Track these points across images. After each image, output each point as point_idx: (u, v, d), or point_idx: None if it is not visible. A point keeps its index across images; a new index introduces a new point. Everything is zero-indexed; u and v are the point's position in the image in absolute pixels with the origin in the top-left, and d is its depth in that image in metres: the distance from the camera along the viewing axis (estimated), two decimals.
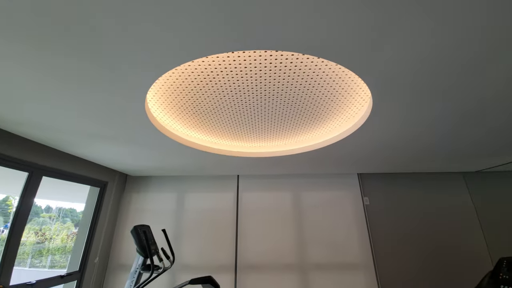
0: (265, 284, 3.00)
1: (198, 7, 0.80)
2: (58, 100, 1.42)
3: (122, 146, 2.25)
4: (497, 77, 1.21)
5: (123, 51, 1.01)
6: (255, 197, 3.45)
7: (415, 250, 3.12)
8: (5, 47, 0.99)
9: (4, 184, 3.85)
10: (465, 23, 0.88)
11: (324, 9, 0.81)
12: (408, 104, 1.49)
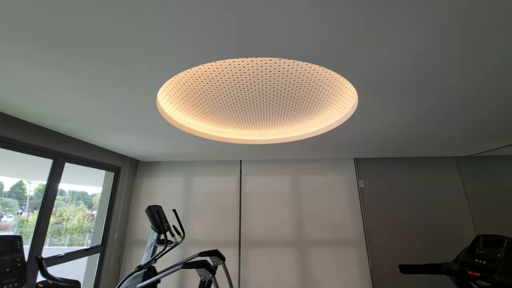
0: (266, 258, 3.34)
1: (204, 28, 0.97)
2: (84, 99, 1.62)
3: (134, 135, 2.47)
4: (476, 72, 1.36)
5: (138, 59, 1.19)
6: (256, 181, 3.71)
7: (404, 228, 3.39)
8: (45, 59, 1.18)
9: (18, 169, 4.14)
10: (439, 30, 1.03)
11: (312, 23, 0.97)
12: (391, 100, 1.64)
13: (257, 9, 0.89)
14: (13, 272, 1.47)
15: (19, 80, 1.41)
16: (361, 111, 1.84)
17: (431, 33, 1.03)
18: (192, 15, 0.92)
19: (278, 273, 3.28)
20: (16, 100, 1.67)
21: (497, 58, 1.22)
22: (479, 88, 1.52)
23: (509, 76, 1.38)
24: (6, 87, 1.50)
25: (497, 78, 1.40)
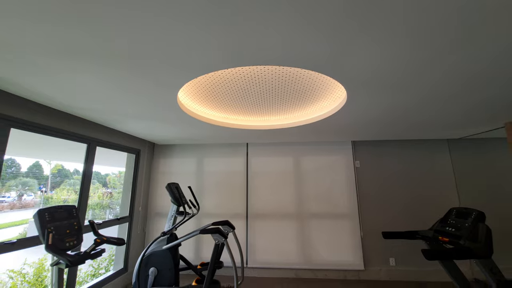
0: (270, 228, 3.83)
1: (216, 47, 1.26)
2: (120, 97, 1.96)
3: (155, 122, 2.83)
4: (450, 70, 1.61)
5: (165, 69, 1.50)
6: (262, 161, 4.09)
7: (394, 204, 3.76)
8: (89, 68, 1.51)
9: (34, 149, 4.54)
10: (407, 40, 1.29)
11: (308, 40, 1.25)
12: (374, 94, 1.91)
13: (254, 29, 1.18)
14: (72, 233, 1.92)
15: (72, 85, 1.75)
16: (350, 103, 2.12)
17: (403, 47, 1.29)
18: (209, 36, 1.21)
19: (280, 241, 3.78)
20: (66, 98, 2.03)
21: (459, 61, 1.46)
22: (443, 86, 1.77)
23: (473, 76, 1.63)
24: (63, 91, 1.84)
25: (460, 76, 1.65)
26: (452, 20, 1.08)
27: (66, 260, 1.58)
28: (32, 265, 3.95)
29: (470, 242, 2.10)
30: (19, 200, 12.36)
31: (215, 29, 1.14)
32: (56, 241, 1.67)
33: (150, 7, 0.99)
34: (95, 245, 1.81)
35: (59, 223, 1.79)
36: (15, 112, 2.02)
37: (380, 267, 3.61)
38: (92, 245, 1.81)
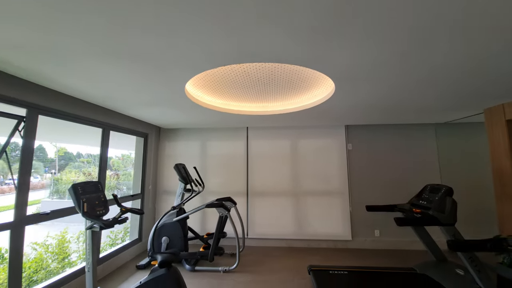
0: (268, 204, 4.23)
1: (219, 49, 1.51)
2: (135, 88, 2.22)
3: (162, 108, 3.10)
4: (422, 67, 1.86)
5: (175, 65, 1.75)
6: (261, 144, 4.41)
7: (381, 182, 4.13)
8: (113, 65, 1.76)
9: (42, 133, 4.80)
10: (381, 43, 1.54)
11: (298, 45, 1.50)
12: (358, 85, 2.16)
13: (252, 34, 1.43)
14: (100, 204, 2.27)
15: (97, 79, 2.01)
16: (338, 92, 2.38)
17: (380, 45, 1.54)
18: (215, 39, 1.46)
19: (278, 215, 4.20)
20: (91, 89, 2.29)
21: (426, 59, 1.71)
22: (420, 77, 2.02)
23: (441, 70, 1.88)
24: (89, 84, 2.10)
25: (429, 72, 1.89)
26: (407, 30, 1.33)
27: (101, 223, 1.95)
28: (54, 237, 4.41)
29: (437, 213, 2.45)
30: None
31: (221, 37, 1.39)
32: (89, 209, 2.02)
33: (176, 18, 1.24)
34: (121, 213, 2.17)
35: (89, 196, 2.13)
36: (42, 101, 2.29)
37: (366, 237, 4.06)
38: (119, 213, 2.17)
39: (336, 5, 1.13)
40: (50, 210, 2.38)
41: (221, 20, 1.25)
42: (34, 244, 4.36)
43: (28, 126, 2.22)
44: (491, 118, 3.07)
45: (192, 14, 1.20)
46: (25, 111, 2.21)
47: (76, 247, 4.48)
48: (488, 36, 1.41)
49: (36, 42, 1.48)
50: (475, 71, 1.93)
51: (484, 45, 1.52)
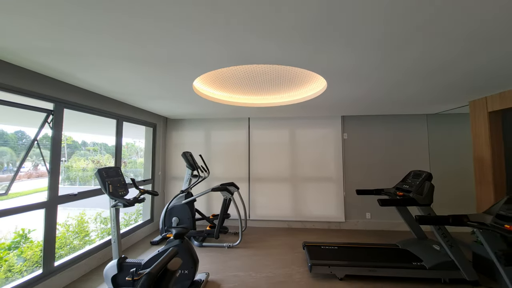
0: (268, 189, 4.58)
1: (224, 55, 1.76)
2: (149, 85, 2.49)
3: (170, 102, 3.37)
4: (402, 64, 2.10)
5: (185, 65, 2.01)
6: (261, 134, 4.69)
7: (373, 169, 4.43)
8: (132, 67, 2.03)
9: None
10: (366, 44, 1.78)
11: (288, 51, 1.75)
12: (344, 82, 2.41)
13: (252, 44, 1.68)
14: (121, 186, 2.60)
15: (116, 78, 2.28)
16: (330, 87, 2.63)
17: (363, 49, 1.78)
18: (221, 47, 1.72)
19: (277, 199, 4.56)
20: (110, 86, 2.56)
21: (407, 58, 1.95)
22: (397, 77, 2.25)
23: (423, 65, 2.11)
24: (108, 81, 2.37)
25: (409, 68, 2.13)
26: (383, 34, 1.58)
27: (125, 201, 2.29)
28: (74, 218, 4.84)
29: (416, 195, 2.76)
30: (35, 170, 13.36)
31: (228, 43, 1.65)
32: (113, 190, 2.36)
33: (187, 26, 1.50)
34: (140, 194, 2.51)
35: (112, 179, 2.47)
36: (67, 96, 2.58)
37: (358, 219, 4.42)
38: (138, 194, 2.51)
39: (319, 24, 1.38)
40: (77, 192, 2.74)
41: (225, 34, 1.50)
42: (57, 224, 4.80)
43: (56, 118, 2.53)
44: (475, 110, 3.31)
45: (204, 30, 1.46)
46: (52, 105, 2.51)
47: (94, 227, 4.92)
48: (443, 42, 1.65)
49: (72, 49, 1.75)
50: (444, 70, 2.17)
51: (443, 49, 1.76)
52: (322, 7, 1.25)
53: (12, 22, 1.42)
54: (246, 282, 2.61)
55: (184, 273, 2.35)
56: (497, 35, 1.53)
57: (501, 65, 2.04)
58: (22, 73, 2.13)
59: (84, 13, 1.31)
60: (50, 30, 1.49)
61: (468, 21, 1.38)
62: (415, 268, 2.63)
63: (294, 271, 2.85)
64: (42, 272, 2.38)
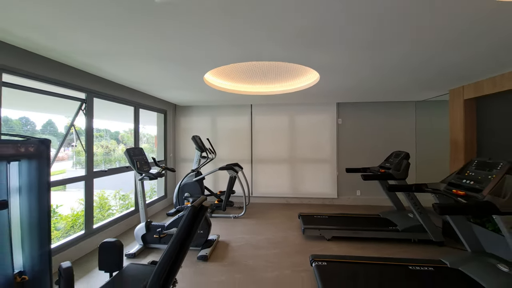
0: (269, 169, 5.09)
1: (233, 52, 2.16)
2: (166, 76, 2.90)
3: (182, 90, 3.79)
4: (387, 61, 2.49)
5: (199, 62, 2.42)
6: (263, 119, 5.13)
7: (364, 151, 4.89)
8: (153, 63, 2.43)
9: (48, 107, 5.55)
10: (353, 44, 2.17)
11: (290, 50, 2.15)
12: (337, 75, 2.80)
13: (258, 46, 2.08)
14: (145, 163, 3.09)
15: (138, 71, 2.69)
16: (322, 78, 3.03)
17: (351, 50, 2.18)
18: (232, 48, 2.12)
19: (277, 178, 5.08)
20: (132, 77, 2.98)
21: (386, 57, 2.34)
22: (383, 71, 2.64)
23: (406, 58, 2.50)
24: (131, 74, 2.79)
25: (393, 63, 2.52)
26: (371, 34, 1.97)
27: (151, 175, 2.79)
28: (96, 195, 5.41)
29: (394, 171, 3.23)
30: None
31: (235, 47, 2.05)
32: (140, 166, 2.85)
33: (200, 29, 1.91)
34: (161, 170, 3.01)
35: (137, 157, 2.95)
36: (96, 87, 3.01)
37: (349, 196, 4.95)
38: (160, 169, 3.01)
39: (314, 34, 1.78)
40: (107, 168, 3.25)
41: (236, 38, 1.91)
42: (81, 200, 5.38)
43: (88, 106, 2.97)
44: (453, 98, 3.70)
45: (216, 33, 1.86)
46: (84, 95, 2.94)
47: (114, 203, 5.51)
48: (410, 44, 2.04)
49: (111, 51, 2.16)
50: (421, 65, 2.56)
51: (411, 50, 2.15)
52: (317, 24, 1.65)
53: (71, 35, 1.83)
54: (250, 241, 3.17)
55: (200, 232, 2.89)
56: (457, 41, 1.93)
57: (469, 62, 2.43)
58: (64, 68, 2.55)
59: (128, 27, 1.72)
60: (99, 40, 1.90)
61: (437, 31, 1.77)
62: (390, 231, 3.16)
63: (289, 234, 3.41)
64: (84, 232, 2.94)
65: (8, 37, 1.93)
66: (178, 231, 1.26)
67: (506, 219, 1.73)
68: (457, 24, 1.67)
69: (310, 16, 1.56)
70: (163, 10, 1.50)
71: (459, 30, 1.76)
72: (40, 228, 1.72)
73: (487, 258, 2.24)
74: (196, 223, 1.31)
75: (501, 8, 1.46)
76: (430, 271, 2.20)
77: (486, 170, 2.00)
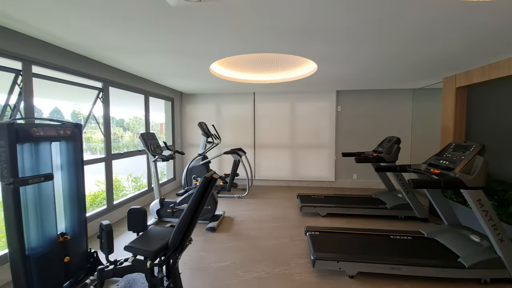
0: (271, 154, 5.39)
1: (238, 45, 2.39)
2: (175, 66, 3.14)
3: (188, 79, 4.03)
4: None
5: (206, 54, 2.65)
6: (265, 107, 5.37)
7: (362, 136, 5.14)
8: (166, 56, 2.68)
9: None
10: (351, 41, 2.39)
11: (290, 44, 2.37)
12: (332, 64, 3.00)
13: (263, 41, 2.31)
14: (158, 146, 3.40)
15: (152, 63, 2.94)
16: (320, 68, 3.24)
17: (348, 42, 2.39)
18: (238, 42, 2.35)
19: (278, 163, 5.40)
20: (146, 68, 3.23)
21: (375, 52, 2.54)
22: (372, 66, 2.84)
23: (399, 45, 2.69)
24: (145, 65, 3.04)
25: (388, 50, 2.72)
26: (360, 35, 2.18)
27: (163, 157, 3.12)
28: None
29: (385, 155, 3.50)
30: None
31: (239, 42, 2.28)
32: (154, 149, 3.18)
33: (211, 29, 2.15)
34: (172, 153, 3.34)
35: (151, 141, 3.27)
36: (111, 77, 3.28)
37: (346, 179, 5.26)
38: (171, 152, 3.34)
39: (306, 32, 2.00)
40: (124, 151, 3.59)
41: (241, 34, 2.14)
42: (97, 182, 5.80)
43: (105, 94, 3.26)
44: (447, 86, 3.88)
45: (226, 28, 2.10)
46: (101, 84, 3.22)
47: (126, 185, 5.93)
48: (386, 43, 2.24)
49: (132, 47, 2.42)
50: (403, 57, 2.75)
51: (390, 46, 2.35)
52: (309, 23, 1.87)
53: (100, 34, 2.08)
54: (253, 217, 3.54)
55: (208, 208, 3.25)
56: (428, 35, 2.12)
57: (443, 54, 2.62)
58: (85, 60, 2.82)
59: (150, 27, 1.96)
60: (122, 38, 2.16)
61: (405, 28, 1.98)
62: (379, 208, 3.49)
63: (289, 212, 3.76)
64: (106, 207, 3.33)
65: (41, 34, 2.20)
66: (193, 197, 1.58)
67: (473, 193, 2.01)
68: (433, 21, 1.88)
69: (311, 14, 1.79)
70: (179, 12, 1.74)
71: (436, 25, 1.96)
72: (78, 198, 2.08)
73: (462, 230, 2.55)
74: (207, 190, 1.62)
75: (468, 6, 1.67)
76: (408, 240, 2.53)
77: (460, 152, 2.26)
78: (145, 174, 4.54)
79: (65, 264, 1.89)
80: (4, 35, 2.06)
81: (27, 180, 1.60)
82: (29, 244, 1.68)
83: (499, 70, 2.95)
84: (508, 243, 2.03)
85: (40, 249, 1.74)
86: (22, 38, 2.19)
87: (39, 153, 1.74)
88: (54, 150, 1.93)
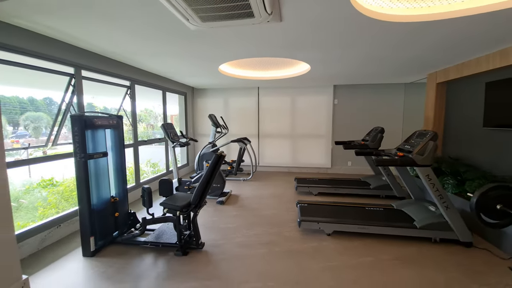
0: (273, 143, 6.00)
1: (243, 49, 2.96)
2: (189, 66, 3.74)
3: (200, 77, 4.64)
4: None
5: (216, 57, 3.23)
6: (268, 100, 5.93)
7: (356, 127, 5.64)
8: (180, 59, 3.28)
9: None
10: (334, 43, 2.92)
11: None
12: (325, 64, 3.52)
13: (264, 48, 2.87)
14: (175, 135, 4.05)
15: (168, 64, 3.55)
16: (313, 67, 3.77)
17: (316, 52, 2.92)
18: (242, 49, 2.93)
19: (280, 150, 6.00)
20: (162, 68, 3.86)
21: (355, 54, 3.05)
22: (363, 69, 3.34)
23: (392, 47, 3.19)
24: (164, 66, 3.66)
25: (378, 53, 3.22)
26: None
27: (181, 143, 3.78)
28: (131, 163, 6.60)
29: (370, 143, 4.03)
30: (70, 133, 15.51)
31: (243, 48, 2.86)
32: (173, 137, 3.84)
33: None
34: (188, 140, 3.99)
35: (170, 130, 3.92)
36: (136, 76, 3.92)
37: (341, 166, 5.82)
38: (187, 139, 4.00)
39: (294, 44, 2.55)
40: (147, 139, 4.28)
41: (246, 45, 2.71)
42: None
43: (132, 91, 3.92)
44: (429, 81, 4.32)
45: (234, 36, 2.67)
46: (129, 82, 3.87)
47: (145, 169, 6.71)
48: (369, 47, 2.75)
49: (153, 51, 3.03)
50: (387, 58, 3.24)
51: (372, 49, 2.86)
52: (306, 36, 2.42)
53: (130, 45, 2.70)
54: (256, 194, 4.19)
55: (217, 186, 3.92)
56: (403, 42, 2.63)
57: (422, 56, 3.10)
58: (113, 63, 3.46)
59: (173, 41, 2.56)
60: (149, 47, 2.77)
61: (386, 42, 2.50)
62: (364, 188, 4.06)
63: (287, 191, 4.39)
64: (135, 184, 4.05)
65: (89, 46, 2.84)
66: (208, 168, 2.21)
67: (423, 170, 2.55)
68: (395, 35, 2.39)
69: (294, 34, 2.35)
70: (196, 33, 2.33)
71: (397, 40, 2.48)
72: (122, 172, 2.76)
73: (425, 203, 3.10)
74: (218, 165, 2.25)
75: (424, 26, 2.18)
76: (380, 210, 3.11)
77: (420, 138, 2.79)
78: (161, 161, 5.25)
79: (115, 218, 2.59)
80: (61, 48, 2.70)
81: (92, 155, 2.29)
82: (93, 202, 2.38)
83: (469, 68, 3.41)
84: (453, 210, 2.58)
85: (99, 206, 2.44)
86: (75, 50, 2.84)
87: (97, 137, 2.42)
88: (108, 136, 2.61)
